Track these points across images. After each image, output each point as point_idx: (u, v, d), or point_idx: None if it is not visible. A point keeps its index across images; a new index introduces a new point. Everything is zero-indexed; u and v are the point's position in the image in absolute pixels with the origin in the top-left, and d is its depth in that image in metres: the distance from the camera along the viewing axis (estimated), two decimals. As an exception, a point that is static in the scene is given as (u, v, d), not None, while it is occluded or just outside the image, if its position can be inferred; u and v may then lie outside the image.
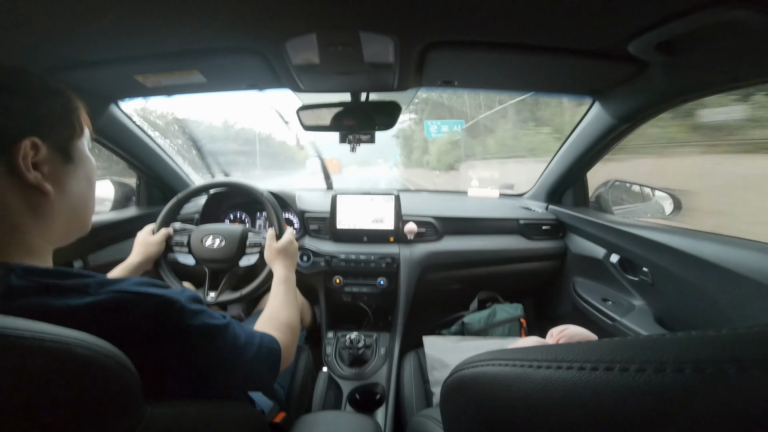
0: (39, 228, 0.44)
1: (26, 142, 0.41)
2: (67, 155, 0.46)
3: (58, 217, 0.46)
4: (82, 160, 0.49)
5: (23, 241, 0.43)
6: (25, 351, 0.28)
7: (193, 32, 0.72)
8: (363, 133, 1.16)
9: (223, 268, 1.05)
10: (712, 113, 2.28)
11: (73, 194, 0.48)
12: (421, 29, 0.71)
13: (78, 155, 0.48)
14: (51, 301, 0.38)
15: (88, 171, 0.51)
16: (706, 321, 0.86)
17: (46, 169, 0.43)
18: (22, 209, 0.42)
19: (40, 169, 0.43)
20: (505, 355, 0.31)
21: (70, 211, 0.48)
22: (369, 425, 0.77)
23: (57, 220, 0.46)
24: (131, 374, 0.35)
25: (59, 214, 0.46)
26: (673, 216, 1.32)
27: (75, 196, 0.48)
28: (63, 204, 0.46)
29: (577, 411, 0.22)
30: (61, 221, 0.47)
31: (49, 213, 0.45)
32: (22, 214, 0.42)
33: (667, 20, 0.63)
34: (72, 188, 0.47)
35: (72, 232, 0.50)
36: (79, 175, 0.48)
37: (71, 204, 0.48)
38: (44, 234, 0.45)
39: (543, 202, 1.59)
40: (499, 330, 1.31)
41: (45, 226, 0.45)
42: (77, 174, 0.48)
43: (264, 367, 0.59)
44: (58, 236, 0.48)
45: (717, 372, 0.17)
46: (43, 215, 0.44)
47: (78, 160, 0.48)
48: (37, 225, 0.44)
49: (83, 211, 0.51)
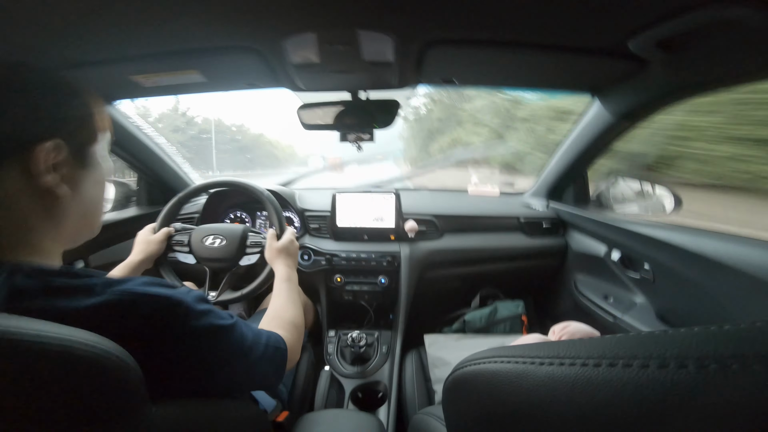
0: (50, 229, 0.44)
1: (49, 144, 0.41)
2: (83, 159, 0.46)
3: (70, 219, 0.46)
4: (98, 164, 0.50)
5: (33, 241, 0.43)
6: (27, 351, 0.28)
7: (191, 31, 0.72)
8: (363, 132, 1.16)
9: (224, 267, 1.05)
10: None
11: (86, 197, 0.48)
12: (420, 27, 0.71)
13: (95, 159, 0.49)
14: (57, 302, 0.38)
15: (102, 175, 0.51)
16: (708, 318, 0.87)
17: (64, 171, 0.43)
18: (35, 210, 0.42)
19: (58, 171, 0.43)
20: (506, 352, 0.31)
21: (82, 214, 0.48)
22: (372, 423, 0.77)
23: (68, 222, 0.46)
24: (135, 373, 0.35)
25: (71, 216, 0.46)
26: (673, 213, 1.32)
27: (88, 199, 0.48)
28: (75, 207, 0.46)
29: (580, 407, 0.22)
30: (72, 223, 0.47)
31: (61, 215, 0.45)
32: (34, 214, 0.42)
33: (667, 18, 0.63)
34: (86, 191, 0.47)
35: (82, 234, 0.50)
36: (92, 179, 0.48)
37: (83, 207, 0.48)
38: (54, 235, 0.45)
39: (544, 200, 1.59)
40: (501, 327, 1.32)
41: (56, 227, 0.45)
42: (92, 177, 0.48)
43: (270, 366, 0.58)
44: (68, 238, 0.48)
45: (720, 368, 0.17)
46: (55, 217, 0.44)
47: (94, 164, 0.49)
48: (49, 226, 0.44)
49: (94, 213, 0.51)
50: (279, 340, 0.62)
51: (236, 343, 0.51)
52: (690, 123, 2.45)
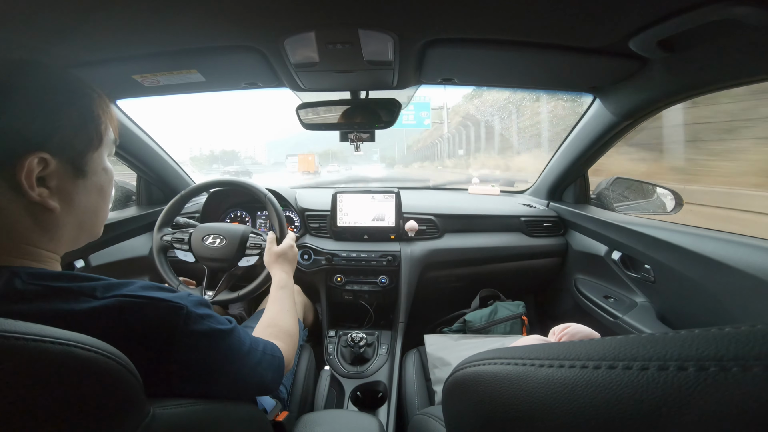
0: (45, 240, 0.43)
1: (33, 159, 0.38)
2: (79, 169, 0.43)
3: (65, 229, 0.45)
4: (97, 172, 0.46)
5: (29, 251, 0.42)
6: (26, 353, 0.28)
7: (191, 31, 0.72)
8: (363, 132, 1.16)
9: (222, 267, 1.05)
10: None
11: (82, 208, 0.45)
12: (420, 27, 0.71)
13: (92, 167, 0.45)
14: (57, 306, 0.38)
15: (102, 182, 0.48)
16: (709, 318, 0.86)
17: (53, 183, 0.41)
18: (26, 222, 0.41)
19: (46, 183, 0.40)
20: (506, 354, 0.31)
21: (78, 224, 0.46)
22: (372, 423, 0.77)
23: (64, 232, 0.45)
24: (133, 375, 0.35)
25: (66, 226, 0.44)
26: (674, 212, 1.31)
27: (83, 209, 0.46)
28: (70, 217, 0.44)
29: (580, 410, 0.22)
30: (69, 233, 0.45)
31: (54, 227, 0.43)
32: (26, 227, 0.41)
33: (669, 17, 0.62)
34: (81, 202, 0.45)
35: (80, 240, 0.48)
36: (90, 188, 0.46)
37: (79, 218, 0.46)
38: (50, 245, 0.44)
39: (544, 199, 1.59)
40: (501, 328, 1.31)
41: (51, 238, 0.43)
42: (88, 187, 0.45)
43: (268, 372, 0.59)
44: (66, 245, 0.47)
45: (720, 370, 0.17)
46: (49, 229, 0.43)
47: (91, 173, 0.45)
48: (44, 238, 0.43)
49: (92, 222, 0.48)
50: (275, 348, 0.64)
51: (234, 348, 0.51)
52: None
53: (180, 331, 0.43)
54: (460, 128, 10.97)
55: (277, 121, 77.18)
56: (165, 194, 1.54)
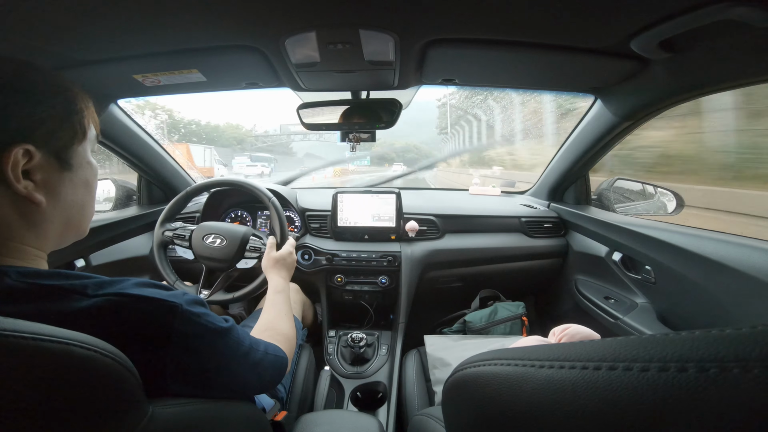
0: (32, 236, 0.42)
1: (18, 150, 0.38)
2: (64, 162, 0.43)
3: (52, 224, 0.44)
4: (81, 165, 0.46)
5: (16, 248, 0.41)
6: (25, 352, 0.28)
7: (192, 30, 0.72)
8: (363, 132, 1.16)
9: (220, 267, 1.05)
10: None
11: (68, 202, 0.45)
12: (421, 27, 0.71)
13: (77, 161, 0.45)
14: (50, 305, 0.38)
15: (88, 176, 0.48)
16: (709, 319, 0.86)
17: (39, 176, 0.41)
18: (12, 218, 0.40)
19: (32, 177, 0.40)
20: (506, 355, 0.31)
21: (65, 219, 0.46)
22: (371, 424, 0.77)
23: (50, 228, 0.44)
24: (131, 374, 0.35)
25: (53, 222, 0.44)
26: (675, 214, 1.31)
27: (70, 203, 0.45)
28: (57, 212, 0.44)
29: (580, 411, 0.22)
30: (55, 229, 0.45)
31: (41, 222, 0.43)
32: (12, 222, 0.40)
33: (670, 18, 0.62)
34: (67, 196, 0.45)
35: (67, 237, 0.48)
36: (76, 182, 0.45)
37: (65, 212, 0.45)
38: (37, 242, 0.43)
39: (545, 200, 1.59)
40: (501, 328, 1.31)
41: (38, 234, 0.43)
42: (74, 181, 0.45)
43: (268, 373, 0.59)
44: (53, 242, 0.46)
45: (720, 371, 0.16)
46: (36, 224, 0.42)
47: (77, 166, 0.45)
48: (30, 233, 0.42)
49: (79, 217, 0.48)
50: (278, 348, 0.64)
51: (232, 347, 0.51)
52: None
53: (174, 329, 0.42)
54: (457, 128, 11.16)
55: (277, 121, 77.01)
56: (165, 194, 1.54)
